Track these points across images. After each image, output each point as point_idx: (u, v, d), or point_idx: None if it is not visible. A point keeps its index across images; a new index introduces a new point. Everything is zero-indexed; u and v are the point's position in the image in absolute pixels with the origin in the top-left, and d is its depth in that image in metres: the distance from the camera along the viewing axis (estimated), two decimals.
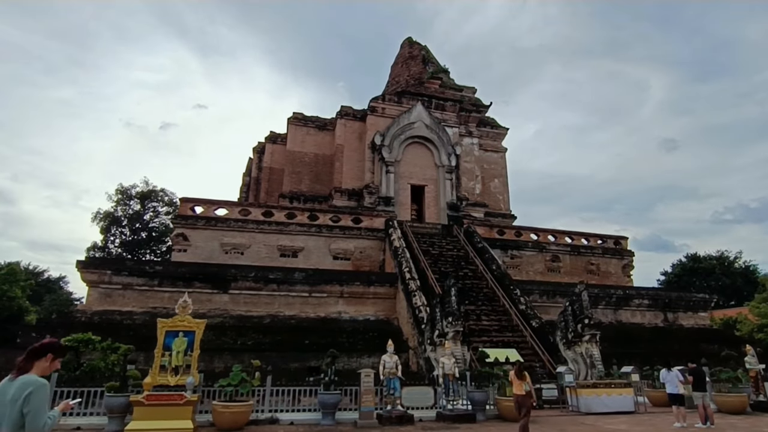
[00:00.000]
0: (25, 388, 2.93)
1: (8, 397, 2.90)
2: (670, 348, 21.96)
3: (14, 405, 2.88)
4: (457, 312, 15.10)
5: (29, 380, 2.98)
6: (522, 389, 8.73)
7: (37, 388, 2.96)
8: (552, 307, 22.27)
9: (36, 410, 2.89)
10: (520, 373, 8.96)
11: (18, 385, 2.95)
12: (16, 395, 2.91)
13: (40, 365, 3.13)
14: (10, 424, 2.85)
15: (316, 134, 32.99)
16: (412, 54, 38.57)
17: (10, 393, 2.92)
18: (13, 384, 2.97)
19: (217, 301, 19.74)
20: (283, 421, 10.51)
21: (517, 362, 9.89)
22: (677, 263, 55.92)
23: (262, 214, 24.25)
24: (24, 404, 2.88)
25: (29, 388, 2.93)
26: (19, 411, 2.88)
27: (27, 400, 2.89)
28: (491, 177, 34.67)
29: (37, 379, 3.02)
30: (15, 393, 2.92)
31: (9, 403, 2.88)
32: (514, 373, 9.09)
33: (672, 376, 11.78)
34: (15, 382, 2.99)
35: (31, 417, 2.87)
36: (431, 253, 23.95)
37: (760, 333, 30.56)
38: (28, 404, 2.89)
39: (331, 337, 18.48)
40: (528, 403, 8.66)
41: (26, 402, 2.89)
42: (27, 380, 2.98)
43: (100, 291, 19.11)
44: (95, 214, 45.22)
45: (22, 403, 2.88)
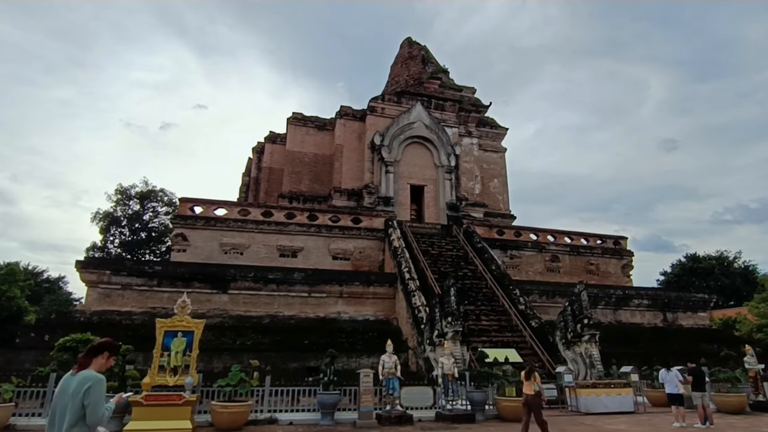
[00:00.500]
0: (85, 382, 3.26)
1: (70, 391, 3.24)
2: (670, 348, 21.97)
3: (75, 397, 3.21)
4: (456, 312, 15.10)
5: (88, 375, 3.30)
6: (531, 389, 8.94)
7: (95, 383, 3.29)
8: (551, 307, 22.27)
9: (95, 402, 3.21)
10: (529, 373, 9.17)
11: (79, 380, 3.28)
12: (77, 389, 3.23)
13: (98, 362, 3.45)
14: (72, 415, 3.18)
15: (315, 134, 32.98)
16: (412, 54, 38.57)
17: (72, 387, 3.26)
18: (74, 379, 3.31)
19: (217, 301, 19.73)
20: (282, 421, 10.50)
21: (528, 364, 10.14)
22: (677, 263, 55.93)
23: (261, 214, 24.24)
24: (84, 397, 3.20)
25: (88, 383, 3.25)
26: (80, 403, 3.20)
27: (87, 393, 3.21)
28: (491, 177, 34.67)
29: (95, 375, 3.35)
30: (76, 387, 3.25)
31: (71, 396, 3.22)
32: (524, 374, 9.31)
33: (671, 376, 11.77)
34: (76, 377, 3.32)
35: (90, 408, 3.20)
36: (431, 253, 23.95)
37: (760, 333, 30.56)
38: (88, 397, 3.21)
39: (331, 337, 18.47)
40: (537, 403, 8.87)
41: (86, 395, 3.21)
42: (86, 375, 3.30)
43: (99, 291, 19.10)
44: (95, 214, 45.16)
45: (83, 396, 3.20)
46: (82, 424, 3.21)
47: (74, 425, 3.19)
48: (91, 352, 3.47)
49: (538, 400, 8.85)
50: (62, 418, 3.20)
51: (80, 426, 3.21)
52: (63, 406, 3.24)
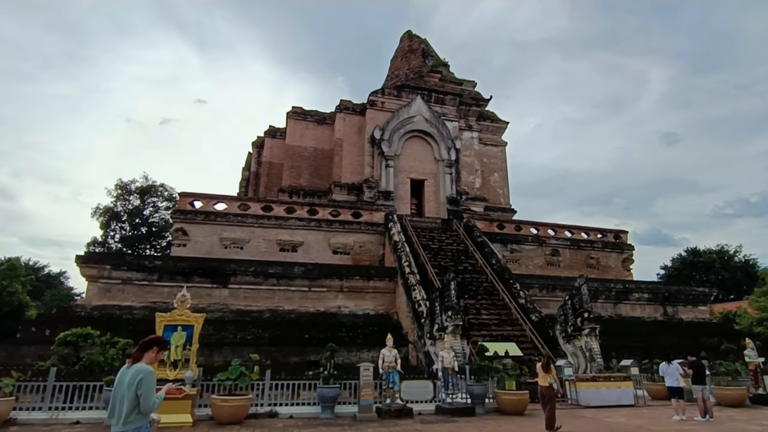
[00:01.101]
0: (138, 374, 3.64)
1: (126, 382, 3.64)
2: (670, 341, 21.97)
3: (130, 388, 3.60)
4: (456, 306, 15.09)
5: (141, 368, 3.70)
6: (546, 381, 9.15)
7: (146, 375, 3.67)
8: (551, 301, 22.27)
9: (146, 392, 3.60)
10: (547, 366, 9.38)
11: (132, 373, 3.67)
12: (131, 381, 3.62)
13: (149, 356, 3.84)
14: (128, 404, 3.58)
15: (315, 128, 32.87)
16: (412, 47, 38.35)
17: (127, 379, 3.65)
18: (128, 372, 3.71)
19: (217, 296, 19.75)
20: (283, 414, 10.51)
21: (546, 356, 10.30)
22: (677, 257, 55.84)
23: (261, 209, 24.21)
24: (137, 387, 3.59)
25: (140, 375, 3.64)
26: (134, 393, 3.59)
27: (139, 384, 3.60)
28: (491, 171, 34.59)
29: (146, 367, 3.74)
30: (130, 379, 3.64)
31: (126, 387, 3.61)
32: (541, 365, 9.49)
33: (672, 369, 11.75)
34: (130, 370, 3.71)
35: (143, 398, 3.59)
36: (431, 247, 23.93)
37: (760, 327, 30.52)
38: (141, 387, 3.60)
39: (331, 331, 18.49)
40: (552, 395, 9.08)
41: (139, 386, 3.60)
42: (139, 368, 3.70)
43: (99, 286, 19.11)
44: (95, 209, 45.17)
45: (136, 386, 3.59)
46: (137, 412, 3.59)
47: (131, 413, 3.57)
48: (142, 348, 3.86)
49: (552, 392, 9.07)
50: (121, 408, 3.61)
51: (135, 414, 3.60)
52: (121, 396, 3.63)
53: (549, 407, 8.90)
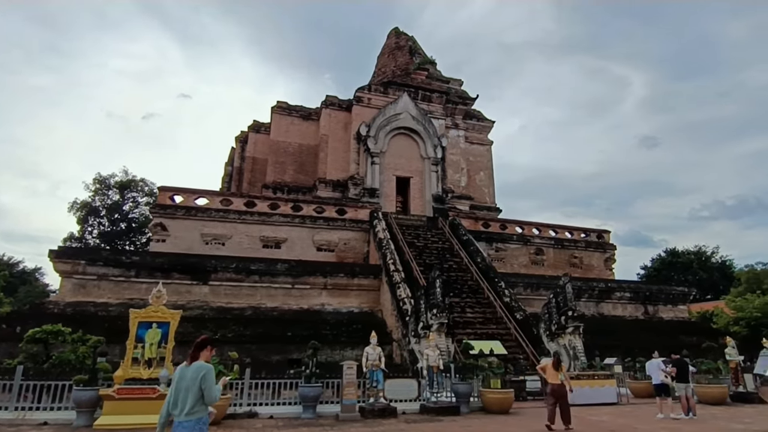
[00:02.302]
0: (200, 370, 4.09)
1: (188, 377, 4.07)
2: (651, 340, 22.21)
3: (194, 382, 4.04)
4: (441, 304, 14.97)
5: (202, 365, 4.15)
6: (558, 379, 9.43)
7: (208, 371, 4.14)
8: (536, 299, 22.34)
9: (210, 385, 4.07)
10: (558, 364, 9.69)
11: (194, 369, 4.11)
12: (194, 375, 4.06)
13: (205, 354, 4.29)
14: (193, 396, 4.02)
15: (300, 124, 32.41)
16: (399, 44, 38.13)
17: (189, 375, 4.08)
18: (189, 369, 4.14)
19: (197, 293, 19.28)
20: (263, 414, 10.18)
21: (555, 354, 10.58)
22: (656, 257, 56.84)
23: (244, 204, 23.73)
24: (201, 382, 4.04)
25: (203, 371, 4.09)
26: (198, 387, 4.03)
27: (203, 379, 4.05)
28: (477, 170, 34.60)
29: (206, 364, 4.21)
30: (193, 374, 4.07)
31: (190, 381, 4.04)
32: (552, 364, 9.75)
33: (653, 366, 11.76)
34: (191, 368, 4.15)
35: (207, 390, 4.05)
36: (416, 245, 23.77)
37: (736, 326, 31.17)
38: (205, 382, 4.04)
39: (314, 329, 18.21)
40: (564, 392, 9.34)
41: (203, 380, 4.04)
42: (200, 365, 4.14)
43: (73, 282, 18.47)
44: (72, 204, 43.85)
45: (200, 380, 4.04)
46: (201, 403, 4.04)
47: (194, 405, 4.01)
48: (198, 348, 4.30)
49: (564, 390, 9.35)
50: (184, 400, 4.02)
51: (199, 404, 4.04)
52: (184, 390, 4.05)
53: (561, 404, 9.20)
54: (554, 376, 9.51)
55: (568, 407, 9.29)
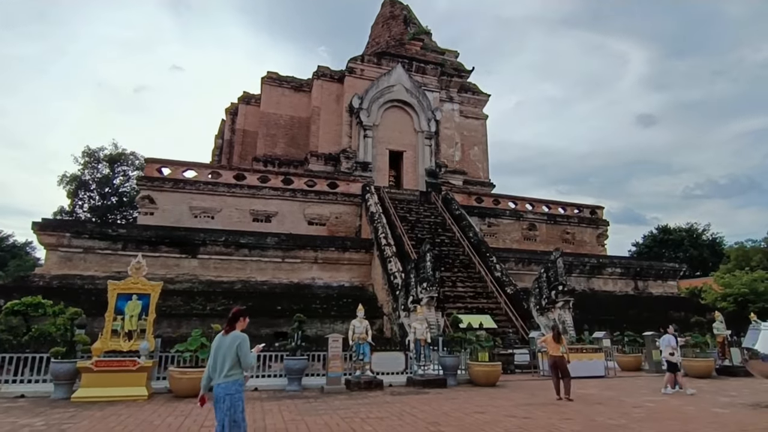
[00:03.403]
0: (237, 339, 4.51)
1: (225, 345, 4.51)
2: (640, 315, 22.41)
3: (231, 349, 4.46)
4: (431, 278, 14.85)
5: (238, 334, 4.57)
6: (559, 351, 9.79)
7: (243, 339, 4.55)
8: (527, 274, 22.32)
9: (245, 352, 4.50)
10: (558, 337, 9.99)
11: (231, 338, 4.54)
12: (231, 344, 4.49)
13: (240, 324, 4.69)
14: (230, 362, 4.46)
15: (291, 95, 31.63)
16: (394, 14, 36.97)
17: (227, 343, 4.52)
18: (227, 338, 4.57)
19: (186, 266, 19.05)
20: (247, 387, 10.06)
21: (555, 327, 10.72)
22: (648, 234, 57.18)
23: (233, 177, 23.29)
24: (238, 349, 4.46)
25: (239, 340, 4.51)
26: (235, 353, 4.46)
27: (239, 347, 4.47)
28: (471, 144, 34.14)
29: (242, 334, 4.61)
30: (230, 342, 4.51)
31: (227, 348, 4.48)
32: (552, 336, 10.04)
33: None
34: (228, 336, 4.57)
35: (243, 356, 4.49)
36: (408, 219, 23.56)
37: (724, 302, 31.54)
38: (240, 349, 4.47)
39: (304, 302, 18.13)
40: (564, 364, 9.72)
41: (239, 348, 4.47)
42: (236, 334, 4.57)
43: (59, 254, 18.16)
44: (61, 177, 43.11)
45: (236, 348, 4.46)
46: (237, 367, 4.48)
47: (231, 369, 4.44)
48: (234, 318, 4.68)
49: (564, 361, 9.76)
50: (222, 365, 4.45)
51: (235, 368, 4.48)
52: (222, 356, 4.49)
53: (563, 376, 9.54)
54: (555, 348, 9.82)
55: (569, 379, 9.57)
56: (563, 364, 9.70)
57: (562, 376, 9.58)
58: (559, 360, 9.71)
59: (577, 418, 7.65)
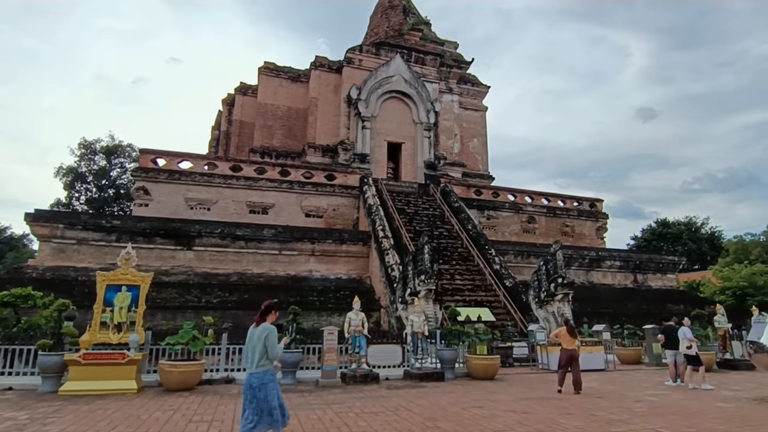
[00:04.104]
0: (265, 331, 4.84)
1: (255, 337, 4.85)
2: (639, 308, 22.31)
3: (260, 341, 4.79)
4: (429, 270, 14.63)
5: (267, 326, 4.89)
6: (574, 344, 9.77)
7: (271, 331, 4.87)
8: (526, 267, 22.15)
9: (273, 343, 4.81)
10: (572, 330, 9.97)
11: (260, 330, 4.86)
12: (261, 335, 4.82)
13: (270, 317, 5.01)
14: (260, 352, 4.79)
15: (289, 86, 31.23)
16: (393, 3, 36.45)
17: (257, 334, 4.85)
18: (257, 330, 4.91)
19: (181, 258, 18.83)
20: (240, 380, 9.88)
21: (567, 320, 10.69)
22: (647, 228, 57.02)
23: (230, 169, 22.99)
24: (266, 340, 4.78)
25: (267, 331, 4.83)
26: (263, 344, 4.78)
27: (267, 338, 4.79)
28: (470, 136, 33.83)
29: (270, 326, 4.93)
30: (260, 334, 4.83)
31: (257, 340, 4.81)
32: (566, 330, 9.94)
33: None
34: (258, 328, 4.89)
35: (270, 347, 4.80)
36: (406, 211, 23.32)
37: (722, 295, 31.49)
38: (268, 340, 4.78)
39: (301, 295, 17.96)
40: (577, 356, 9.71)
41: (267, 339, 4.78)
42: (266, 326, 4.89)
43: (52, 246, 17.92)
44: (58, 169, 42.85)
45: (264, 339, 4.78)
46: (266, 358, 4.78)
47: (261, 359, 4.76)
48: (264, 312, 5.01)
49: (578, 355, 9.75)
50: (253, 356, 4.79)
51: (264, 359, 4.78)
52: (252, 347, 4.84)
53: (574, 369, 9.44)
54: (570, 341, 9.74)
55: (579, 373, 9.48)
56: (577, 357, 9.67)
57: (573, 370, 9.49)
58: (573, 353, 9.64)
59: (577, 413, 7.48)
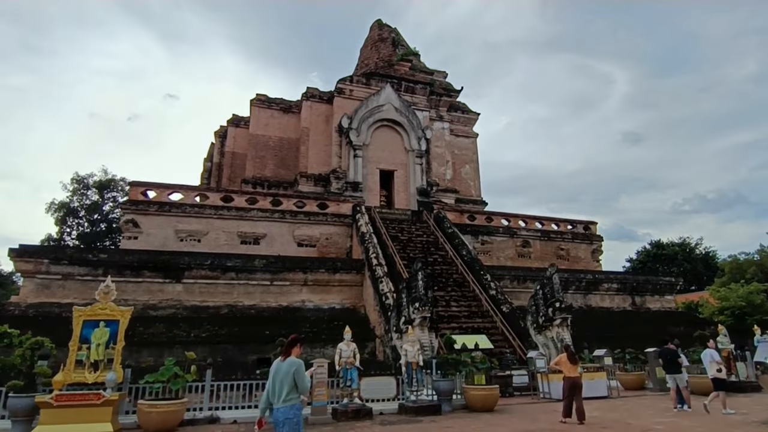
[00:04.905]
0: (293, 365, 4.82)
1: (283, 370, 4.81)
2: (639, 331, 21.84)
3: (288, 374, 4.76)
4: (424, 297, 14.28)
5: (294, 360, 4.89)
6: (576, 371, 9.39)
7: (300, 365, 4.87)
8: (522, 292, 21.79)
9: (302, 376, 4.80)
10: (573, 356, 9.62)
11: (288, 363, 4.85)
12: (288, 369, 4.80)
13: (295, 351, 5.05)
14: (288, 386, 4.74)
15: (280, 117, 31.47)
16: (382, 36, 37.31)
17: (284, 368, 4.82)
18: (284, 363, 4.88)
19: (170, 292, 18.34)
20: (225, 419, 9.37)
21: (567, 346, 10.27)
22: (641, 250, 57.01)
23: (221, 199, 22.80)
24: (295, 374, 4.76)
25: (295, 365, 4.82)
26: (292, 378, 4.75)
27: (296, 372, 4.78)
28: (462, 163, 34.00)
29: (298, 360, 4.94)
30: (287, 368, 4.81)
31: (284, 374, 4.78)
32: (567, 357, 9.57)
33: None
34: (285, 362, 4.89)
35: (300, 380, 4.79)
36: (400, 239, 23.08)
37: (721, 315, 31.11)
38: (297, 374, 4.77)
39: (294, 326, 17.40)
40: (581, 385, 9.29)
41: (296, 373, 4.77)
42: (293, 360, 4.89)
43: (36, 282, 17.42)
44: (49, 204, 42.51)
45: (293, 373, 4.76)
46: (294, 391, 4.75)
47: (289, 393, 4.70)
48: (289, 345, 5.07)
49: (581, 383, 9.33)
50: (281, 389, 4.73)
51: (293, 393, 4.74)
52: (280, 381, 4.77)
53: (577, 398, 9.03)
54: (572, 369, 9.36)
55: (582, 402, 9.08)
56: (580, 385, 9.23)
57: (576, 399, 9.03)
58: (576, 380, 9.20)
59: None
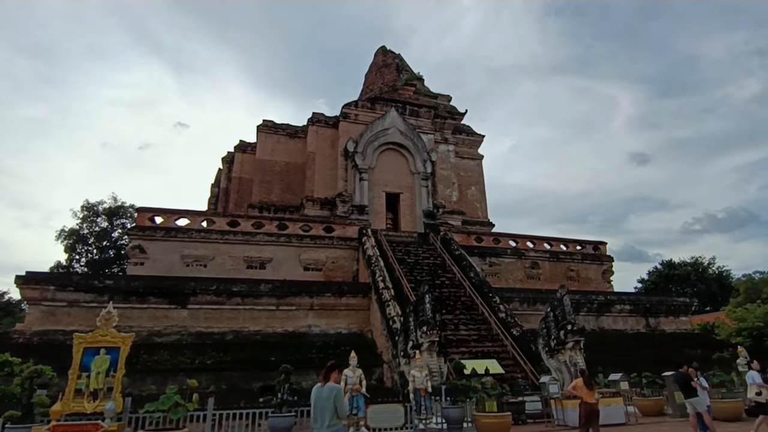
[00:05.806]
0: (333, 390, 5.07)
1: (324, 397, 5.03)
2: (654, 354, 21.19)
3: (329, 400, 5.00)
4: (432, 321, 13.97)
5: (333, 386, 5.15)
6: (593, 397, 8.99)
7: (339, 390, 5.15)
8: (533, 314, 21.31)
9: (341, 401, 5.05)
10: (590, 381, 9.15)
11: (328, 389, 5.10)
12: (328, 395, 5.03)
13: (334, 376, 5.27)
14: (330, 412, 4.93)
15: (286, 142, 31.80)
16: (386, 62, 38.01)
17: (325, 394, 5.04)
18: (324, 389, 5.12)
19: (175, 318, 18.18)
20: None
21: (583, 371, 9.82)
22: (653, 270, 56.03)
23: (227, 224, 22.82)
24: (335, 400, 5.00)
25: (335, 390, 5.08)
26: (333, 404, 4.97)
27: (336, 397, 5.03)
28: (468, 184, 33.95)
29: (337, 385, 5.19)
30: (327, 393, 5.05)
31: (325, 400, 5.00)
32: (584, 382, 9.11)
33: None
34: (325, 388, 5.13)
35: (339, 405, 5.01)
36: (407, 261, 22.85)
37: (739, 336, 30.21)
38: (337, 400, 5.02)
39: (300, 352, 17.17)
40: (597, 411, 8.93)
41: (336, 398, 5.02)
42: (332, 386, 5.15)
43: (42, 309, 17.36)
44: (59, 232, 42.92)
45: (334, 399, 4.99)
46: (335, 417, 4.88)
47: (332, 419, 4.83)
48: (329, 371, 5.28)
49: (598, 409, 8.96)
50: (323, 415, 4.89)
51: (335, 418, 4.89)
52: (321, 407, 4.95)
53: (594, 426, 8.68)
54: (589, 394, 8.90)
55: (599, 429, 8.73)
56: (598, 412, 8.87)
57: (593, 426, 8.69)
58: (594, 406, 8.83)
59: None
